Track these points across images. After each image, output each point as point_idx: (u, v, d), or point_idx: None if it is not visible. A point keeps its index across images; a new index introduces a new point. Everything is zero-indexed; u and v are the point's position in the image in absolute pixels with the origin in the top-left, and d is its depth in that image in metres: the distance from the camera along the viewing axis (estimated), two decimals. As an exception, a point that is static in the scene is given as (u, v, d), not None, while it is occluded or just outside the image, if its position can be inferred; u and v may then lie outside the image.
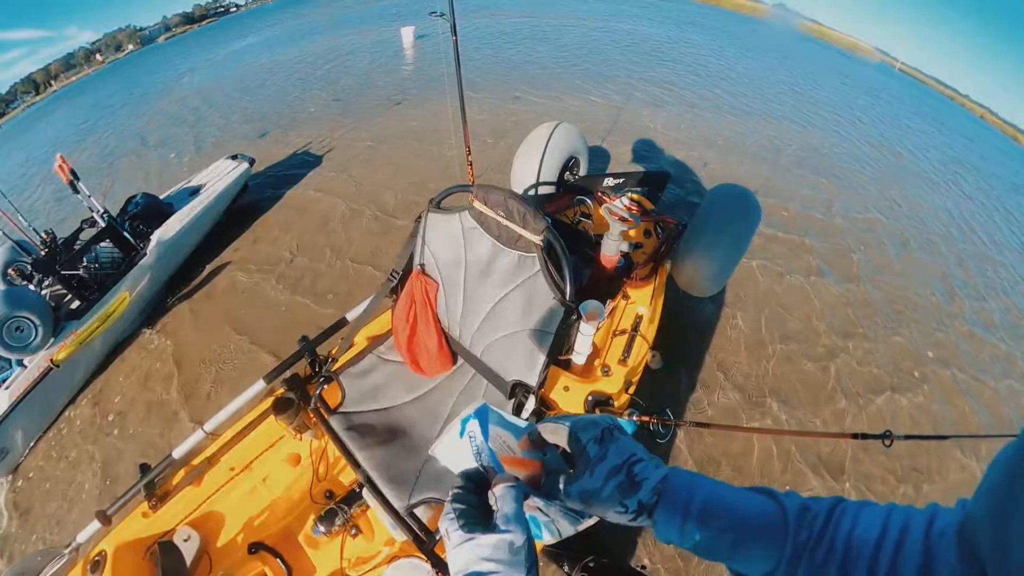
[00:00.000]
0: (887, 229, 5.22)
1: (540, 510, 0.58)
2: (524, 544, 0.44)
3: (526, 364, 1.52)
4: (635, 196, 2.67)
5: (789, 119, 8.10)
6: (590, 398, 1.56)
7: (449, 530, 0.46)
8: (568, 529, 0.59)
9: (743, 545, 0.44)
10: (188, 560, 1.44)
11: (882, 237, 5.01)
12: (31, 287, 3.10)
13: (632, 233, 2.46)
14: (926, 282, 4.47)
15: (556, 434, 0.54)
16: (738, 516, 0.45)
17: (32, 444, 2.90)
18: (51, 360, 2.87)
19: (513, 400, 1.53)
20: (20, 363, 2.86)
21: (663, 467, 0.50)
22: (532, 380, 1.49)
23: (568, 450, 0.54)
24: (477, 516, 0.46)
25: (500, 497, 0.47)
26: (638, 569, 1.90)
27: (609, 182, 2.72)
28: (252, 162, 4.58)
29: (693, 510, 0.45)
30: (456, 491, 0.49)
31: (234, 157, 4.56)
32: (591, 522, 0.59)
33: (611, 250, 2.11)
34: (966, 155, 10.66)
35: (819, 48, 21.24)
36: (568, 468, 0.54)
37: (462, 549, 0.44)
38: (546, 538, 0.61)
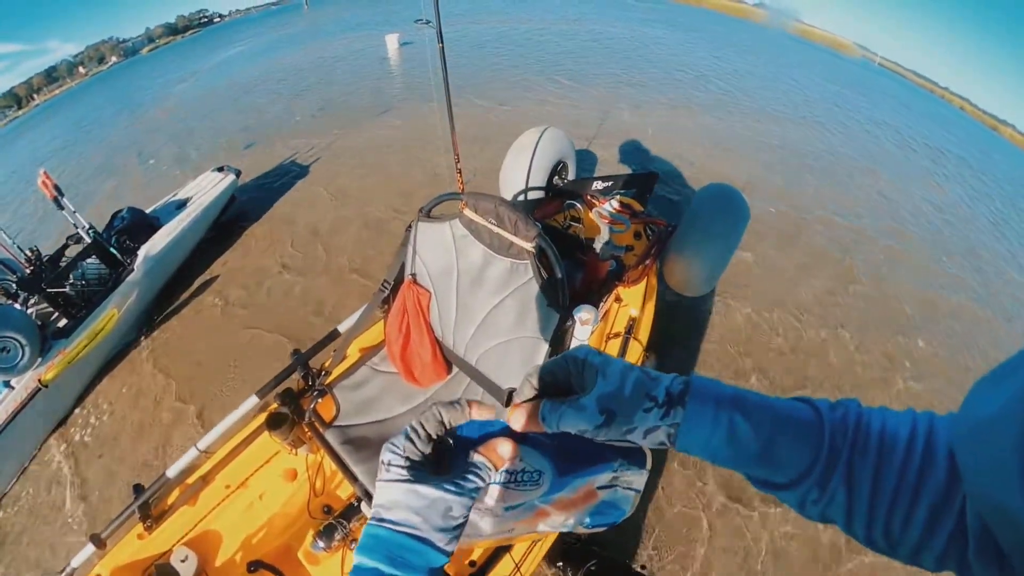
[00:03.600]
0: (873, 229, 5.28)
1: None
2: (460, 516, 0.41)
3: (522, 371, 1.52)
4: (624, 199, 2.69)
5: (777, 117, 8.19)
6: None
7: (392, 463, 0.43)
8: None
9: (778, 444, 0.40)
10: (185, 581, 1.42)
11: (870, 236, 5.08)
12: (16, 306, 3.04)
13: (623, 236, 2.48)
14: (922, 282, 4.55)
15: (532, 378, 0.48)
16: (774, 411, 0.41)
17: (23, 467, 2.84)
18: (39, 380, 2.82)
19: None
20: (7, 384, 2.81)
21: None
22: (528, 387, 1.48)
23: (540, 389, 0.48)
24: (424, 466, 0.44)
25: (479, 465, 0.44)
26: (638, 570, 1.91)
27: (598, 185, 2.73)
28: (238, 174, 4.54)
29: (726, 399, 0.41)
30: (414, 428, 0.45)
31: (220, 169, 4.51)
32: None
33: (602, 253, 2.12)
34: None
35: (803, 46, 21.50)
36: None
37: (394, 487, 0.41)
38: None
